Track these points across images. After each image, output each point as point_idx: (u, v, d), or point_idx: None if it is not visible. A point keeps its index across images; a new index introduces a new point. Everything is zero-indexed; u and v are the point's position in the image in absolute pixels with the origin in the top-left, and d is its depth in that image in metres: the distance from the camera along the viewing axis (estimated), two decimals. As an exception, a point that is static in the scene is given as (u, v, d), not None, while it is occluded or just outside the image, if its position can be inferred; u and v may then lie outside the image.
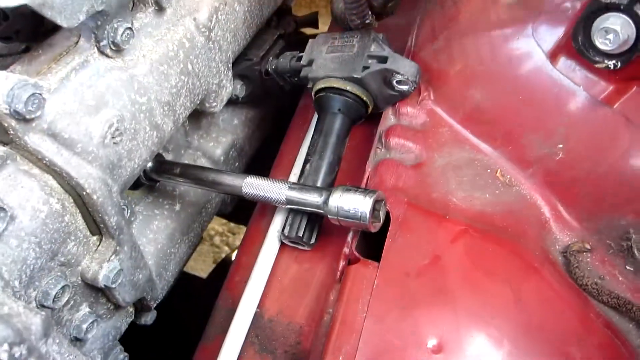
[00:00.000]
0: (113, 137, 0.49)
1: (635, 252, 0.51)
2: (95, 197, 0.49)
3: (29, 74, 0.44)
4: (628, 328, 0.50)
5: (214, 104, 0.69)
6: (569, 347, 0.45)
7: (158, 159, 0.68)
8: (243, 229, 0.72)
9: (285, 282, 0.55)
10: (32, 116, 0.41)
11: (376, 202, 0.49)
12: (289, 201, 0.53)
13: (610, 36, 0.49)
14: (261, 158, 0.90)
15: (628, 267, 0.52)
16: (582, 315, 0.49)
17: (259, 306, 0.54)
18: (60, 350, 0.40)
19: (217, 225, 2.69)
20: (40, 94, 0.40)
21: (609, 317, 0.50)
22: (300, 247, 0.57)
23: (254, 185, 0.55)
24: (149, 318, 0.75)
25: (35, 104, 0.41)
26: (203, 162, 0.81)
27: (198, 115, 0.80)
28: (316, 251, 0.57)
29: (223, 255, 2.49)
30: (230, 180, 0.58)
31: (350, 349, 0.44)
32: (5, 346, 0.30)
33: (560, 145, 0.54)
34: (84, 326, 0.57)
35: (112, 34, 0.47)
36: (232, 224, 2.59)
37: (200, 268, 2.53)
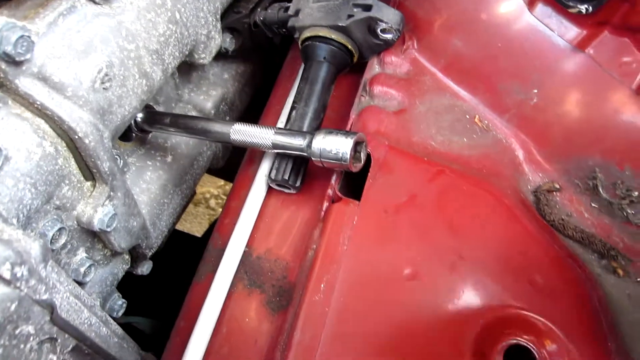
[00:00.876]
0: (103, 83, 0.50)
1: (600, 190, 0.54)
2: (87, 141, 0.50)
3: (17, 18, 0.45)
4: (590, 259, 0.54)
5: (203, 55, 0.70)
6: (534, 275, 0.49)
7: (149, 110, 0.70)
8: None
9: (273, 224, 0.58)
10: (22, 59, 0.42)
11: (357, 144, 0.51)
12: (275, 146, 0.55)
13: (583, -20, 0.51)
14: (251, 114, 0.92)
15: (593, 205, 0.55)
16: (548, 247, 0.52)
17: (247, 245, 0.57)
18: (60, 278, 0.42)
19: (213, 188, 2.71)
20: (29, 36, 0.41)
21: (573, 249, 0.54)
22: (286, 190, 0.60)
23: (241, 132, 0.57)
24: (145, 268, 0.78)
25: (25, 47, 0.42)
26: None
27: (188, 68, 0.81)
28: (302, 194, 0.59)
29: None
30: (219, 127, 0.60)
31: (332, 278, 0.47)
32: (8, 265, 0.33)
33: (535, 91, 0.56)
34: (82, 270, 0.60)
35: (97, -20, 0.48)
36: (227, 187, 2.62)
37: (196, 230, 2.57)
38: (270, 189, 0.61)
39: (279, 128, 0.56)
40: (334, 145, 0.50)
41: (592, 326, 0.49)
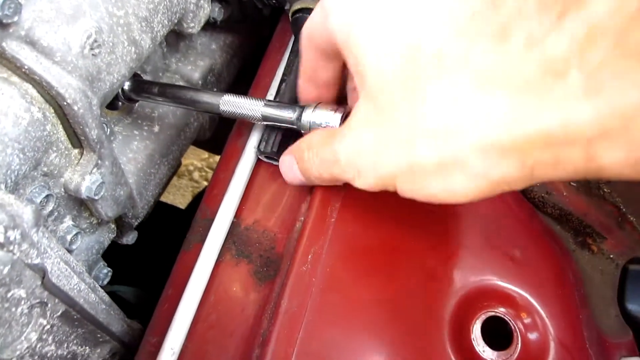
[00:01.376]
0: (92, 49, 0.50)
1: (580, 168, 0.56)
2: (75, 107, 0.50)
3: (1, -20, 0.44)
4: (567, 236, 0.57)
5: (192, 24, 0.69)
6: (512, 249, 0.51)
7: (136, 79, 0.69)
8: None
9: (261, 195, 0.59)
10: (9, 21, 0.42)
11: (346, 117, 0.51)
12: (264, 117, 0.55)
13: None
14: (239, 87, 0.91)
15: (572, 183, 0.57)
16: (527, 223, 0.54)
17: (235, 216, 0.58)
18: (50, 244, 0.43)
19: (196, 160, 2.70)
20: (16, -2, 0.41)
21: (551, 226, 0.56)
22: (275, 163, 0.60)
23: (231, 103, 0.57)
24: (130, 238, 0.78)
25: (12, 8, 0.41)
26: (181, 85, 0.81)
27: (176, 38, 0.80)
28: (290, 168, 0.60)
29: (202, 190, 2.51)
30: (208, 98, 0.59)
31: (319, 250, 0.48)
32: (1, 228, 0.33)
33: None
34: (69, 237, 0.60)
35: (85, -57, 0.47)
36: (211, 160, 2.60)
37: (180, 202, 2.57)
38: (259, 161, 0.61)
39: (269, 100, 0.56)
40: (323, 119, 0.51)
41: (565, 300, 0.51)
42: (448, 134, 0.37)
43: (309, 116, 0.51)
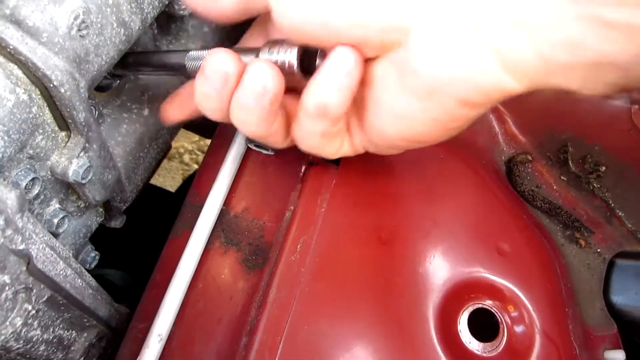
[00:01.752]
0: (79, 30, 0.48)
1: (570, 163, 0.56)
2: (62, 90, 0.49)
3: (-12, -43, 0.43)
4: (555, 229, 0.57)
5: (184, 6, 0.67)
6: (501, 242, 0.51)
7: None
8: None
9: (251, 183, 0.58)
10: (-6, 0, 0.41)
11: (306, 52, 0.45)
12: None
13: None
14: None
15: (562, 177, 0.58)
16: (516, 217, 0.54)
17: (225, 204, 0.57)
18: (35, 229, 0.42)
19: (187, 143, 2.67)
20: (1, -24, 0.40)
21: (540, 219, 0.56)
22: (265, 152, 0.60)
23: (197, 57, 0.54)
24: (118, 221, 0.77)
25: (-4, -13, 0.40)
26: (171, 67, 0.80)
27: (167, 19, 0.78)
28: (281, 156, 0.60)
29: (192, 173, 2.50)
30: (175, 57, 0.56)
31: (308, 239, 0.48)
32: (-16, 214, 0.33)
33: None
34: (55, 221, 0.59)
35: None
36: (202, 143, 2.58)
37: (169, 184, 2.55)
38: (249, 149, 0.61)
39: (235, 46, 0.54)
40: (279, 56, 0.44)
41: (552, 293, 0.52)
42: None
43: (266, 55, 0.46)
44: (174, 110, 0.53)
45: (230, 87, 0.43)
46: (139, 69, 0.62)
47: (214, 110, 0.47)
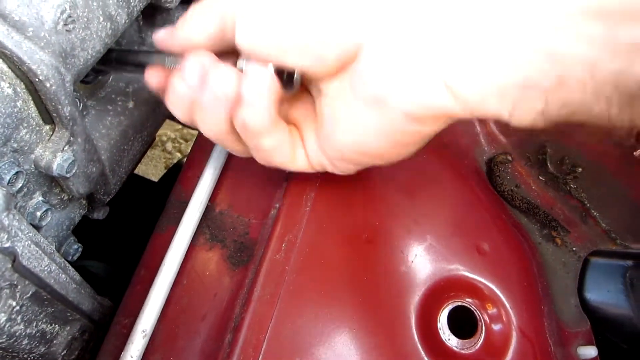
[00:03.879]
0: (66, 24, 0.48)
1: (548, 164, 0.58)
2: (48, 84, 0.49)
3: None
4: (533, 228, 0.59)
5: (170, -1, 0.67)
6: (480, 241, 0.53)
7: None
8: (195, 135, 0.74)
9: (237, 180, 0.59)
10: (-22, -6, 0.40)
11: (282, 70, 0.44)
12: None
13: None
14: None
15: (540, 177, 0.59)
16: (495, 217, 0.56)
17: (210, 200, 0.57)
18: (21, 227, 0.42)
19: (170, 131, 2.65)
20: (-13, -30, 0.39)
21: (518, 219, 0.58)
22: (251, 149, 0.60)
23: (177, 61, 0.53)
24: (101, 213, 0.77)
25: (-18, -19, 0.39)
26: (157, 60, 0.79)
27: (153, 12, 0.77)
28: (267, 153, 0.60)
29: (175, 162, 2.48)
30: (157, 58, 0.56)
31: (293, 238, 0.49)
32: (-30, 213, 0.33)
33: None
34: (38, 213, 0.59)
35: None
36: (184, 131, 2.56)
37: (152, 173, 2.52)
38: (236, 145, 0.61)
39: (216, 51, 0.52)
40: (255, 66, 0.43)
41: (529, 291, 0.53)
42: None
43: (240, 64, 0.45)
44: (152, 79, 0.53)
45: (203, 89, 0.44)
46: (120, 67, 0.62)
47: (183, 110, 0.47)
